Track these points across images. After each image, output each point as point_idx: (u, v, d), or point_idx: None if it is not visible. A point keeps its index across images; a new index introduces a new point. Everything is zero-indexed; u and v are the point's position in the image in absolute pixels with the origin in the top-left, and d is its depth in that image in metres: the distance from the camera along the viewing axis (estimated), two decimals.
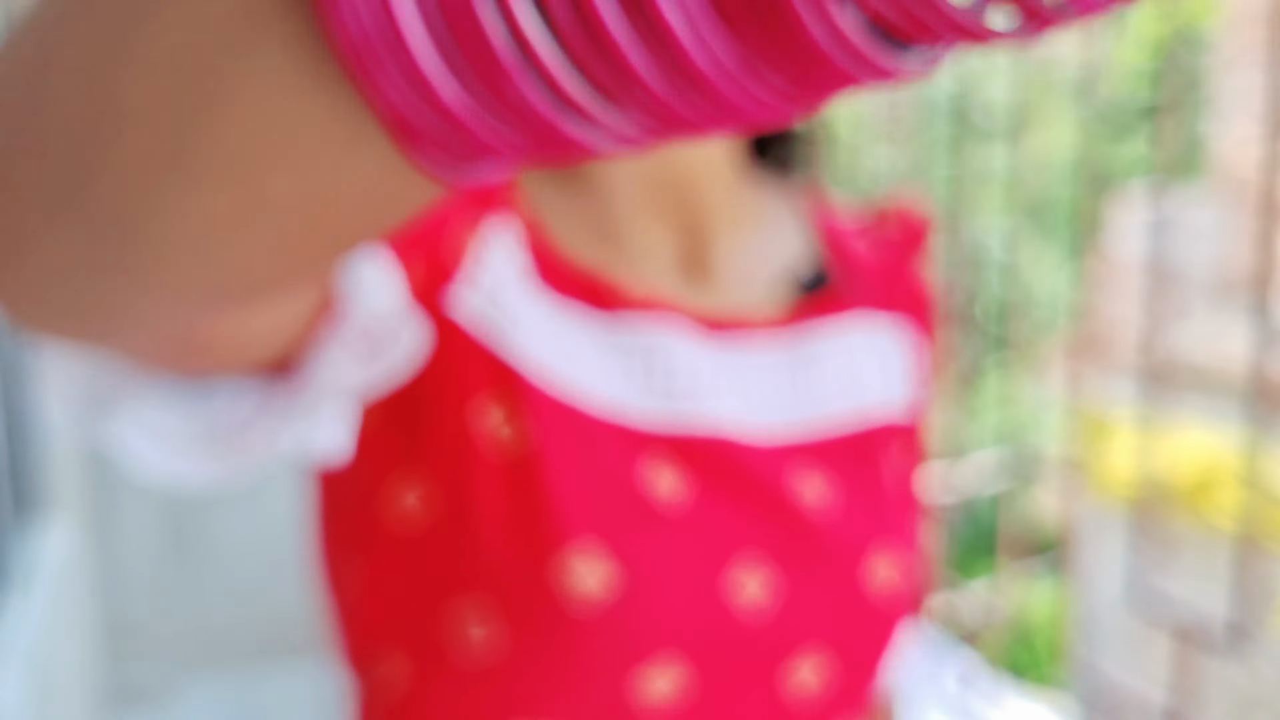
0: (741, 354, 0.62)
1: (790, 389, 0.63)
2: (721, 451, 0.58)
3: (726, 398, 0.60)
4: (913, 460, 0.70)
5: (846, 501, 0.62)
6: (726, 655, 0.57)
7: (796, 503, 0.59)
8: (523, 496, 0.54)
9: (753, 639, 0.57)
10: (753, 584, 0.57)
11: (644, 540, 0.55)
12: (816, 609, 0.59)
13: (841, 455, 0.63)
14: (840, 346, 0.65)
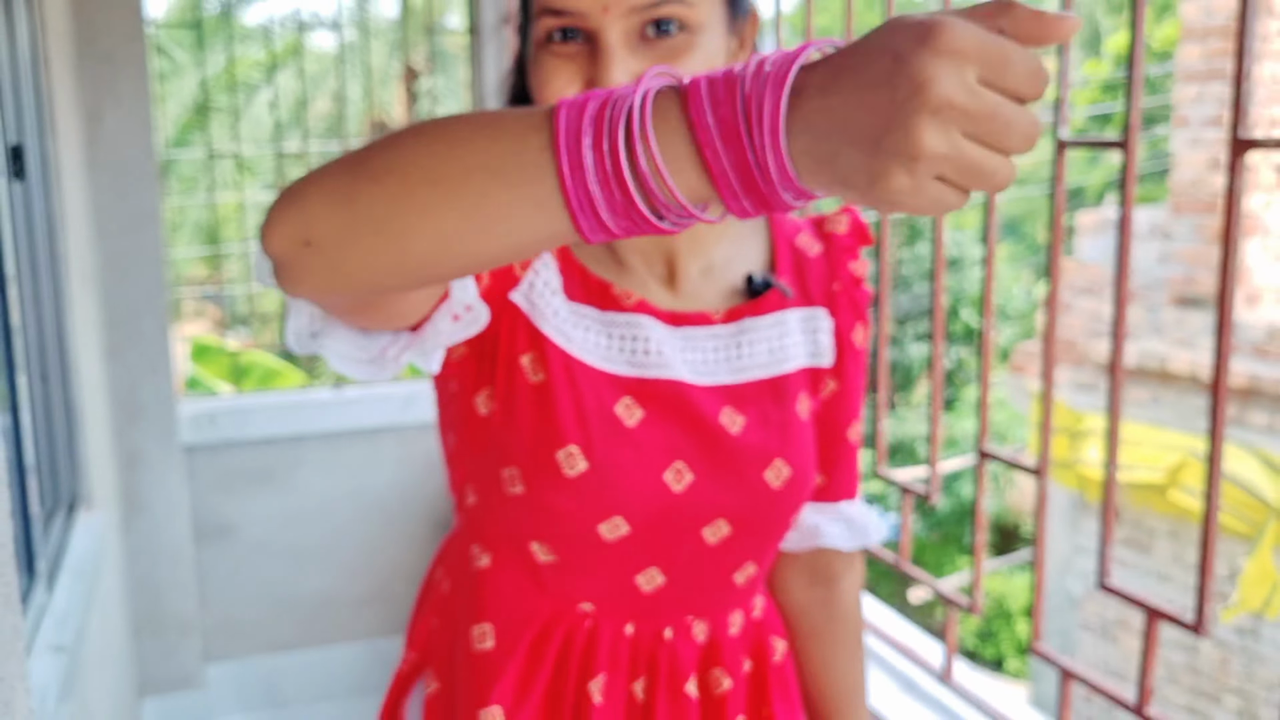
0: (692, 338, 0.93)
1: (725, 359, 0.93)
2: (669, 391, 0.91)
3: (679, 364, 0.91)
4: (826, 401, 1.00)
5: (757, 427, 0.93)
6: (660, 518, 0.90)
7: (718, 427, 0.91)
8: (541, 411, 0.88)
9: (679, 510, 0.91)
10: (685, 477, 0.91)
11: (610, 444, 0.88)
12: (727, 494, 0.91)
13: (756, 397, 0.93)
14: (770, 331, 0.95)
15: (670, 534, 0.92)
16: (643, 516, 0.90)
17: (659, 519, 0.91)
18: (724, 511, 0.92)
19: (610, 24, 0.79)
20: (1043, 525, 1.26)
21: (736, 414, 0.92)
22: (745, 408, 0.93)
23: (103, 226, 2.58)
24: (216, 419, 2.82)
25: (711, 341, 0.93)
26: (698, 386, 0.92)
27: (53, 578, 1.81)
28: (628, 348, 0.91)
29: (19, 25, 1.99)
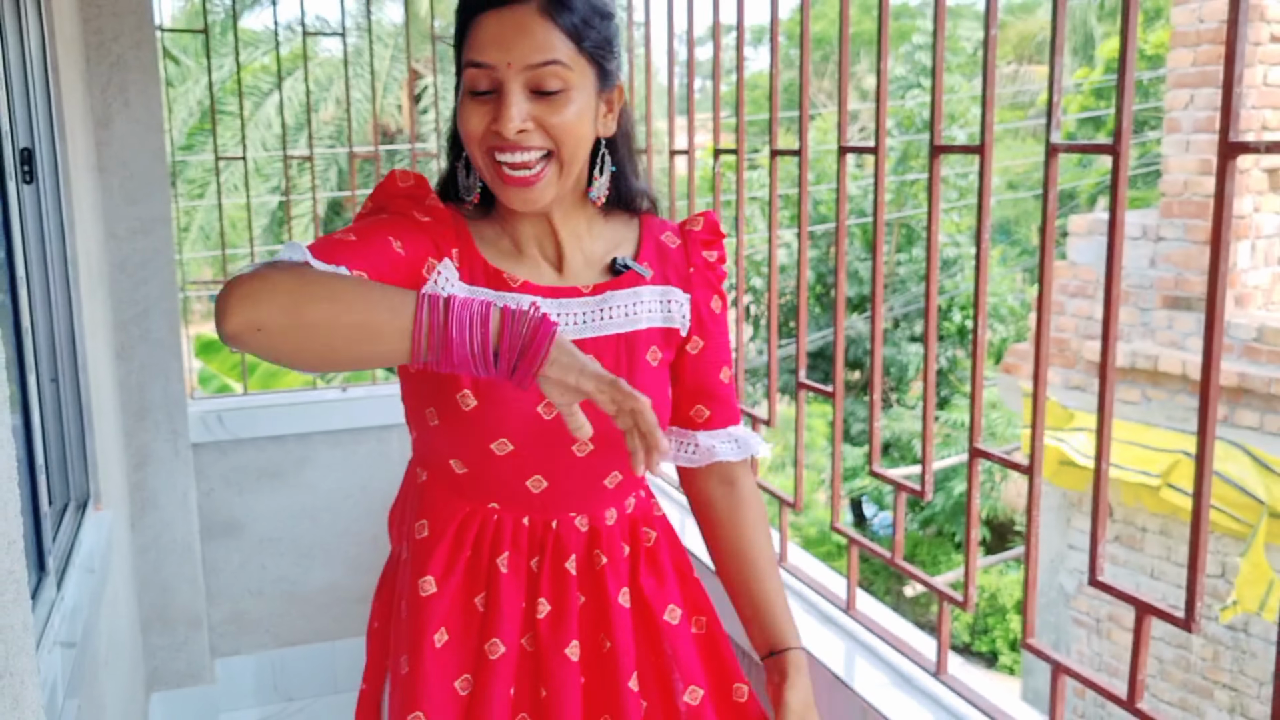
0: (566, 305, 1.24)
1: (589, 321, 1.25)
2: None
3: (564, 323, 1.23)
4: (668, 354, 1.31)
5: (610, 369, 1.18)
6: (536, 439, 1.21)
7: None
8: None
9: (551, 432, 1.21)
10: (553, 409, 1.18)
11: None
12: (592, 415, 1.09)
13: (612, 348, 1.25)
14: (626, 300, 1.26)
15: (546, 450, 1.23)
16: (522, 438, 1.22)
17: (535, 439, 1.22)
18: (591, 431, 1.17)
19: (512, 76, 1.14)
20: (1034, 522, 1.26)
21: (594, 358, 1.11)
22: (602, 355, 1.23)
23: (112, 229, 2.58)
24: (224, 418, 2.82)
25: (580, 307, 1.25)
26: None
27: (62, 574, 1.81)
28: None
29: (29, 30, 1.99)
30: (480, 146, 1.17)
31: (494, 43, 1.14)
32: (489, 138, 1.16)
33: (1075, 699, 5.90)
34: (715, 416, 1.34)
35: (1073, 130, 15.21)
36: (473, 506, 1.28)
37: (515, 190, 1.18)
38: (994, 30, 1.24)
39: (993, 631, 11.34)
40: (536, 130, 1.15)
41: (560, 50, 1.15)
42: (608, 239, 1.30)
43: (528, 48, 1.14)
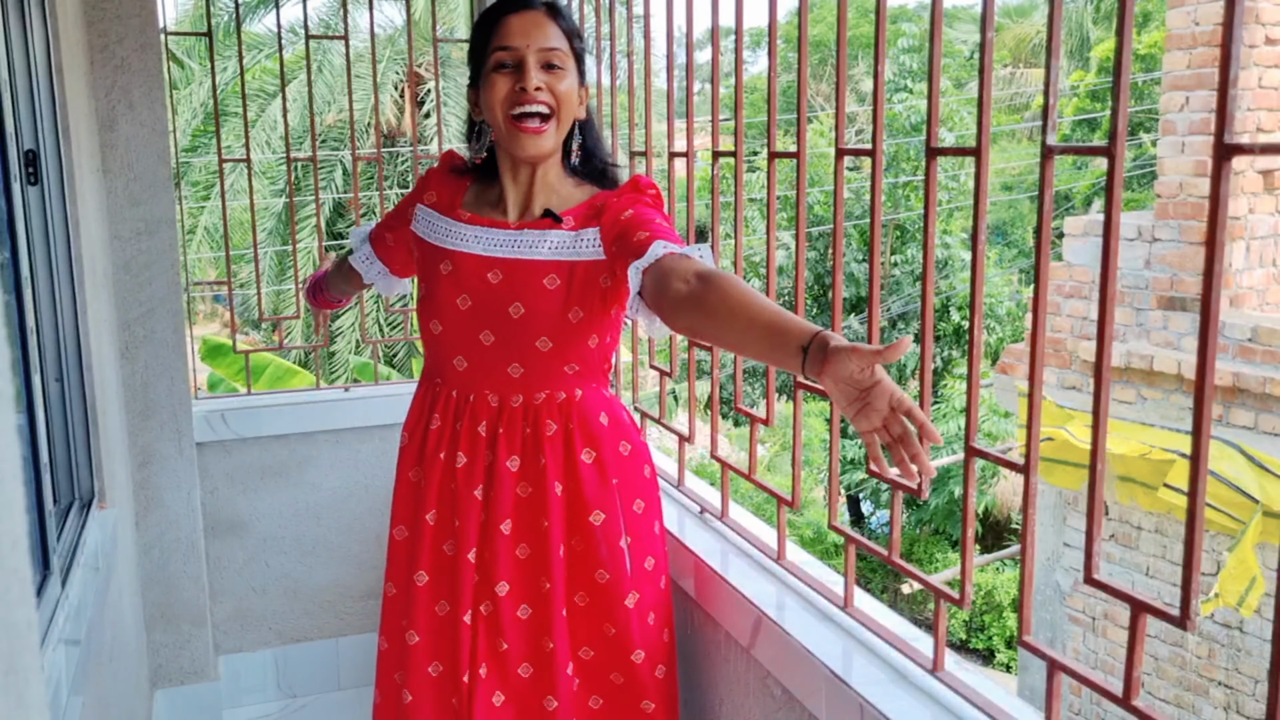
0: (490, 232, 1.71)
1: (507, 246, 1.68)
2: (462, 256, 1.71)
3: (474, 244, 1.71)
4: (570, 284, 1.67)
5: (507, 283, 1.67)
6: (455, 323, 1.71)
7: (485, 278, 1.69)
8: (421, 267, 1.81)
9: (466, 320, 1.70)
10: (467, 303, 1.70)
11: (434, 279, 1.74)
12: (489, 314, 1.67)
13: (514, 268, 1.67)
14: (536, 236, 1.67)
15: (463, 334, 1.70)
16: (446, 322, 1.71)
17: (455, 325, 1.70)
18: (488, 325, 1.68)
19: (531, 54, 1.61)
20: (1030, 521, 1.26)
21: (499, 273, 1.67)
22: (505, 270, 1.67)
23: (117, 230, 2.58)
24: (228, 417, 2.82)
25: (501, 235, 1.70)
26: (481, 256, 1.69)
27: (67, 572, 1.81)
28: (450, 234, 1.73)
29: (33, 33, 1.99)
30: (503, 107, 1.62)
31: (519, 32, 1.61)
32: (512, 97, 1.61)
33: (1071, 696, 5.90)
34: (652, 236, 1.52)
35: (1068, 132, 15.21)
36: (428, 383, 1.79)
37: (528, 137, 1.62)
38: (990, 33, 1.24)
39: (989, 629, 11.34)
40: (545, 91, 1.61)
41: (561, 42, 1.63)
42: (564, 198, 1.71)
43: (541, 36, 1.62)
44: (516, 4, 1.64)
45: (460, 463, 1.72)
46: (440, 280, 1.71)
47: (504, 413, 1.71)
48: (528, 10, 1.63)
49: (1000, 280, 13.93)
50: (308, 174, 11.72)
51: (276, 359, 5.78)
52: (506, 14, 1.63)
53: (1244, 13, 0.96)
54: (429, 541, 1.76)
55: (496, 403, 1.71)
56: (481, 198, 1.76)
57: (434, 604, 1.76)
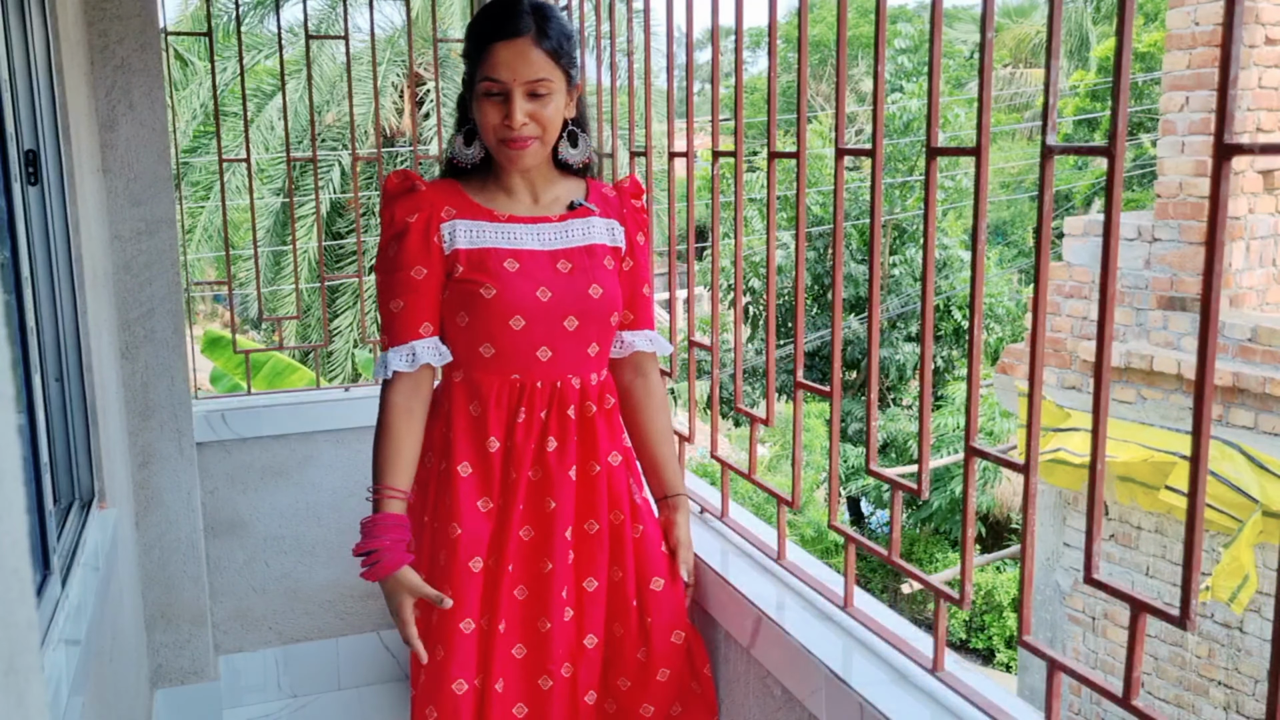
0: (543, 228, 1.79)
1: (558, 237, 1.79)
2: (528, 253, 1.76)
3: (531, 240, 1.77)
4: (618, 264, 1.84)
5: (580, 268, 1.77)
6: (540, 315, 1.73)
7: (555, 268, 1.76)
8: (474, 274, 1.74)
9: (548, 311, 1.74)
10: (546, 294, 1.74)
11: (502, 280, 1.72)
12: (572, 302, 1.75)
13: (577, 254, 1.78)
14: (582, 225, 1.81)
15: (547, 324, 1.74)
16: (530, 315, 1.73)
17: (540, 316, 1.73)
18: (572, 310, 1.75)
19: (516, 87, 1.69)
20: (1030, 521, 1.26)
21: (567, 262, 1.77)
22: (572, 259, 1.78)
23: (117, 230, 2.58)
24: (228, 417, 2.82)
25: (552, 230, 1.79)
26: (544, 250, 1.77)
27: (67, 572, 1.81)
28: (505, 235, 1.76)
29: (34, 33, 1.99)
30: (494, 134, 1.71)
31: (504, 66, 1.68)
32: (501, 129, 1.70)
33: (1071, 696, 5.89)
34: (638, 320, 1.89)
35: (1068, 132, 15.20)
36: (501, 380, 1.76)
37: (515, 152, 1.71)
38: (990, 33, 1.24)
39: (989, 629, 11.34)
40: (531, 122, 1.70)
41: (545, 69, 1.70)
42: (565, 189, 1.84)
43: (526, 70, 1.68)
44: (504, 31, 1.68)
45: (551, 447, 1.77)
46: (512, 277, 1.72)
47: (589, 392, 1.80)
48: (514, 40, 1.67)
49: (1000, 280, 13.93)
50: (305, 174, 11.71)
51: (276, 355, 5.78)
52: (493, 42, 1.68)
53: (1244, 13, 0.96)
54: (514, 531, 1.76)
55: (579, 384, 1.79)
56: (487, 194, 1.80)
57: (514, 589, 1.77)
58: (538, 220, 1.78)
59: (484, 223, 1.76)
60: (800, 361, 1.74)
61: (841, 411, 1.71)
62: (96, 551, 1.96)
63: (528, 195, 1.80)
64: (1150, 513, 5.61)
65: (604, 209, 1.84)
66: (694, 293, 2.18)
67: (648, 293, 1.89)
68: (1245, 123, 5.29)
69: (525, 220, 1.78)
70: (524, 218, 1.78)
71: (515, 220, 1.77)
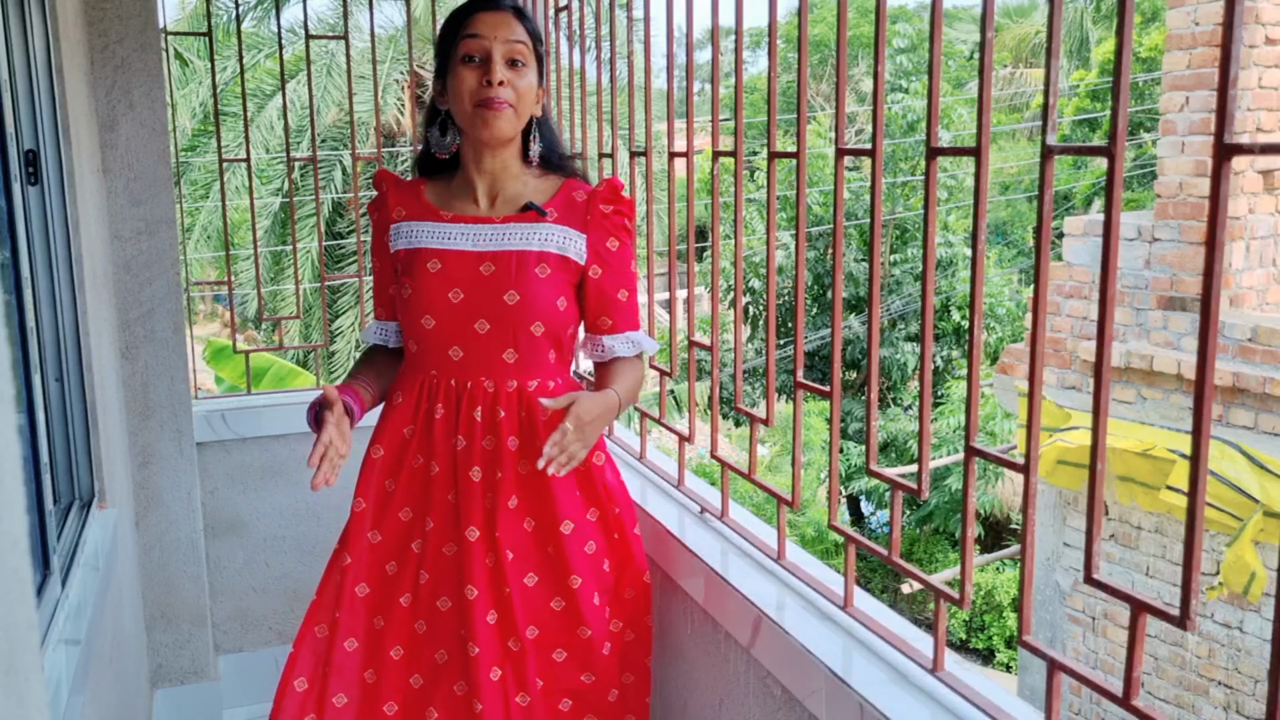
0: (480, 228, 1.81)
1: (494, 239, 1.79)
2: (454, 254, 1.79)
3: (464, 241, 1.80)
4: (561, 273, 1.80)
5: (502, 273, 1.77)
6: (449, 317, 1.77)
7: (478, 270, 1.78)
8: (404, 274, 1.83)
9: (459, 313, 1.77)
10: (459, 296, 1.77)
11: (419, 282, 1.79)
12: (484, 306, 1.76)
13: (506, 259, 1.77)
14: (524, 229, 1.79)
15: (458, 326, 1.78)
16: (439, 315, 1.78)
17: (449, 317, 1.78)
18: (483, 314, 1.77)
19: (496, 46, 1.73)
20: (1030, 521, 1.26)
21: (491, 265, 1.77)
22: (497, 262, 1.77)
23: (117, 230, 2.58)
24: (228, 417, 2.82)
25: (488, 230, 1.80)
26: (471, 251, 1.79)
27: (67, 572, 1.81)
28: (439, 236, 1.81)
29: (33, 33, 1.99)
30: (471, 98, 1.73)
31: (486, 25, 1.74)
32: (478, 90, 1.73)
33: (1071, 696, 5.89)
34: (616, 325, 1.86)
35: (1068, 132, 15.20)
36: (423, 375, 1.83)
37: (492, 115, 1.72)
38: (990, 33, 1.24)
39: (989, 629, 11.34)
40: (508, 87, 1.73)
41: (525, 38, 1.76)
42: (535, 188, 1.84)
43: (507, 31, 1.74)
44: (486, 4, 1.77)
45: (460, 445, 1.81)
46: (429, 278, 1.78)
47: (500, 397, 1.80)
48: (496, 10, 1.76)
49: (1000, 280, 13.93)
50: (305, 174, 11.71)
51: (278, 360, 5.78)
52: (476, 10, 1.76)
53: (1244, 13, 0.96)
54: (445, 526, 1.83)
55: (493, 388, 1.81)
56: (448, 194, 1.85)
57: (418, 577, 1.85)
58: (480, 220, 1.81)
59: (426, 223, 1.83)
60: (800, 361, 1.74)
61: (842, 411, 1.70)
62: (96, 551, 1.96)
63: (486, 196, 1.83)
64: (1150, 513, 5.61)
65: (563, 214, 1.82)
66: (694, 293, 2.18)
67: (624, 297, 1.86)
68: (1245, 123, 5.29)
69: (467, 220, 1.81)
70: (467, 217, 1.81)
71: (458, 219, 1.81)
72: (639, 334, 1.89)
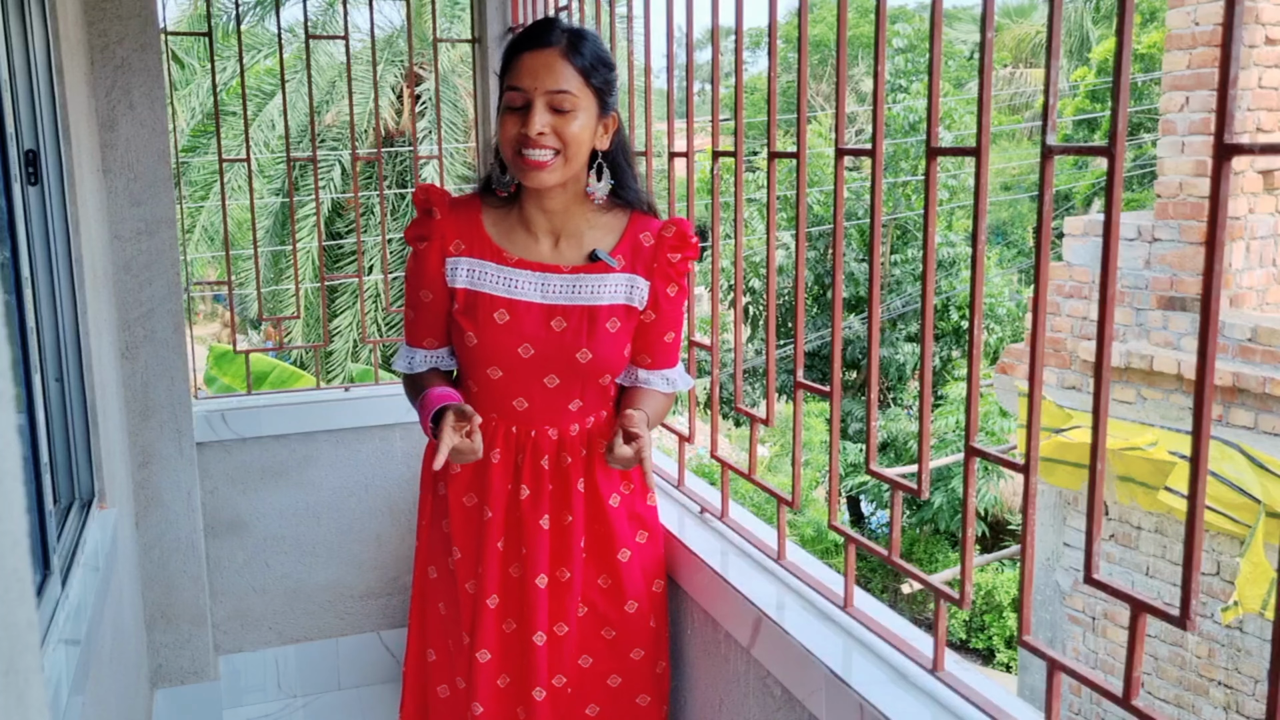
0: (548, 278, 1.76)
1: (563, 291, 1.75)
2: (524, 305, 1.74)
3: (532, 291, 1.75)
4: (628, 323, 1.78)
5: (574, 329, 1.74)
6: (518, 370, 1.75)
7: (549, 326, 1.74)
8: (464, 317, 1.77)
9: (528, 367, 1.75)
10: (529, 351, 1.74)
11: (486, 331, 1.74)
12: (555, 362, 1.75)
13: (577, 314, 1.74)
14: (594, 280, 1.75)
15: (526, 379, 1.76)
16: (508, 368, 1.75)
17: (518, 371, 1.75)
18: (554, 370, 1.75)
19: (537, 97, 1.65)
20: (1030, 521, 1.26)
21: (563, 320, 1.74)
22: (569, 318, 1.74)
23: (117, 230, 2.58)
24: (228, 417, 2.82)
25: (559, 281, 1.75)
26: (541, 304, 1.74)
27: (67, 572, 1.81)
28: (505, 282, 1.75)
29: (34, 33, 1.99)
30: (511, 146, 1.68)
31: (527, 73, 1.66)
32: (519, 140, 1.66)
33: (1071, 696, 5.89)
34: (655, 363, 1.85)
35: (1069, 132, 15.20)
36: (484, 415, 1.77)
37: (532, 171, 1.66)
38: (990, 33, 1.24)
39: (989, 629, 11.34)
40: (551, 134, 1.65)
41: (572, 83, 1.66)
42: (600, 228, 1.78)
43: (549, 79, 1.65)
44: (534, 41, 1.67)
45: (524, 495, 1.81)
46: (497, 330, 1.73)
47: (565, 444, 1.81)
48: (542, 50, 1.66)
49: (1000, 280, 13.93)
50: (303, 174, 11.71)
51: (281, 364, 5.78)
52: (522, 51, 1.68)
53: (1244, 13, 0.96)
54: (497, 566, 1.84)
55: (556, 435, 1.81)
56: (507, 228, 1.79)
57: (502, 623, 1.86)
58: (547, 269, 1.75)
59: (488, 264, 1.76)
60: (800, 361, 1.74)
61: (841, 411, 1.72)
62: (96, 551, 1.96)
63: (548, 236, 1.77)
64: (1150, 513, 5.61)
65: (631, 261, 1.77)
66: (694, 293, 2.18)
67: (670, 339, 1.84)
68: (1245, 123, 5.29)
69: (533, 267, 1.75)
70: (533, 264, 1.75)
71: (523, 265, 1.75)
72: (676, 371, 1.87)
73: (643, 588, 1.88)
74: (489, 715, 1.86)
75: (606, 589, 1.88)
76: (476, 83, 3.09)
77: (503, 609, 1.85)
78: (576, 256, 1.76)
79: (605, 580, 1.87)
